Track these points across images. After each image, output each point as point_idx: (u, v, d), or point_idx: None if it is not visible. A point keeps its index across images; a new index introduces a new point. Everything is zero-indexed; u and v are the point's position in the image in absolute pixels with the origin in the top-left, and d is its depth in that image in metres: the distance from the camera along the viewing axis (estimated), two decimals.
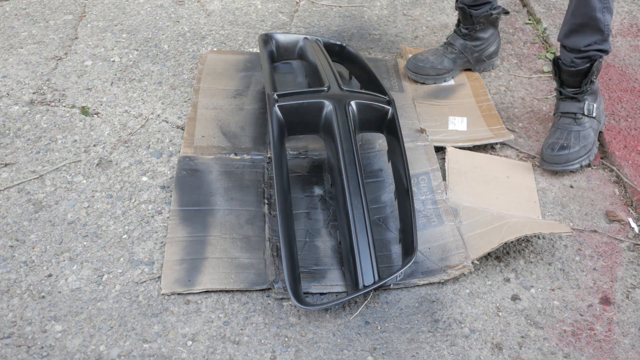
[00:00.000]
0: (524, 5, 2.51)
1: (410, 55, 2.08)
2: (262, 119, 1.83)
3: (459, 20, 2.03)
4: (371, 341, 1.33)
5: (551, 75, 2.12)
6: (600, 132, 1.82)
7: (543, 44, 2.28)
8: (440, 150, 1.78)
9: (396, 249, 1.50)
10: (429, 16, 2.40)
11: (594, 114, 1.74)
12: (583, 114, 1.73)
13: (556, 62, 1.76)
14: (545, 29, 2.34)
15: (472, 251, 1.49)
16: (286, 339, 1.33)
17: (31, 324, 1.32)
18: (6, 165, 1.69)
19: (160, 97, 1.94)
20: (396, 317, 1.38)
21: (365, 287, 1.36)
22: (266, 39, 1.96)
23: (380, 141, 1.76)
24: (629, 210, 1.66)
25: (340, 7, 2.43)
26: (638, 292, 1.47)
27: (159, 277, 1.42)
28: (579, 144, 1.71)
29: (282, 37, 1.98)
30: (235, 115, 1.84)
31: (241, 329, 1.34)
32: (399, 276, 1.42)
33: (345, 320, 1.37)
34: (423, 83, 2.01)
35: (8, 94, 1.94)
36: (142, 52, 2.13)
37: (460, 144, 1.79)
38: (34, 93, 1.94)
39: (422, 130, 1.79)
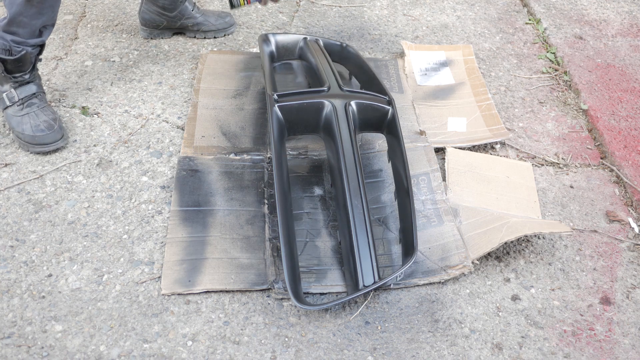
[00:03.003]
0: (524, 5, 2.51)
1: (410, 52, 2.08)
2: (262, 119, 1.83)
3: None
4: (371, 341, 1.34)
5: (551, 75, 2.12)
6: None
7: (543, 44, 2.28)
8: (439, 150, 1.78)
9: (396, 249, 1.50)
10: (429, 16, 2.40)
11: None
12: None
13: None
14: (545, 29, 2.34)
15: (472, 251, 1.49)
16: (286, 339, 1.33)
17: (31, 324, 1.33)
18: (6, 165, 1.68)
19: (160, 97, 1.94)
20: (396, 317, 1.38)
21: (365, 287, 1.36)
22: (266, 39, 1.96)
23: (380, 141, 1.76)
24: (629, 210, 1.67)
25: (340, 7, 2.43)
26: (638, 292, 1.47)
27: (159, 277, 1.42)
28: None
29: (282, 37, 1.98)
30: (235, 115, 1.84)
31: (241, 329, 1.34)
32: (399, 276, 1.42)
33: (345, 320, 1.37)
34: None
35: None
36: (142, 52, 2.13)
37: (459, 145, 1.79)
38: None
39: (421, 133, 1.79)
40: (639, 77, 2.10)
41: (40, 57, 1.75)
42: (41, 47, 1.71)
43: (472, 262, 1.48)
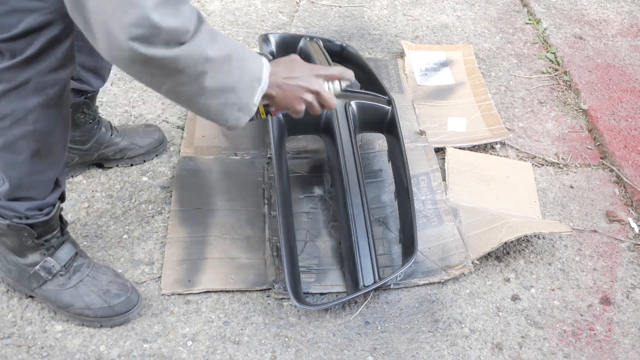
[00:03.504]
0: (524, 5, 2.51)
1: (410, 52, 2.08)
2: (262, 119, 1.83)
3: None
4: (371, 341, 1.33)
5: (551, 75, 2.12)
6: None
7: (543, 44, 2.28)
8: (439, 150, 1.78)
9: (396, 249, 1.50)
10: (429, 16, 2.40)
11: None
12: None
13: None
14: (545, 29, 2.34)
15: (472, 251, 1.49)
16: (286, 339, 1.33)
17: (31, 324, 1.32)
18: None
19: (160, 97, 1.94)
20: (396, 317, 1.38)
21: (365, 287, 1.36)
22: (266, 39, 1.96)
23: (380, 141, 1.76)
24: (629, 210, 1.67)
25: (340, 7, 2.43)
26: (638, 292, 1.47)
27: (159, 277, 1.42)
28: None
29: (282, 37, 1.98)
30: None
31: (241, 329, 1.34)
32: (399, 276, 1.42)
33: (345, 320, 1.37)
34: None
35: None
36: None
37: (459, 145, 1.79)
38: None
39: (421, 133, 1.79)
40: (639, 77, 2.10)
41: (62, 205, 1.30)
42: (62, 194, 1.28)
43: (472, 262, 1.48)
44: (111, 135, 1.63)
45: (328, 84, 1.23)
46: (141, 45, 0.90)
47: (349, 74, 1.25)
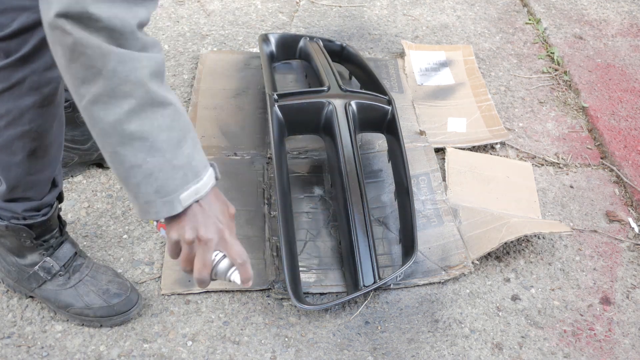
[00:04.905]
0: (524, 5, 2.51)
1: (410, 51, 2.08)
2: (262, 119, 1.83)
3: None
4: (371, 341, 1.34)
5: (551, 75, 2.12)
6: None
7: (543, 44, 2.28)
8: (439, 150, 1.78)
9: (396, 249, 1.50)
10: (429, 16, 2.40)
11: None
12: None
13: None
14: (545, 29, 2.34)
15: (472, 251, 1.49)
16: (286, 339, 1.33)
17: (31, 324, 1.32)
18: None
19: None
20: (396, 317, 1.38)
21: (365, 287, 1.36)
22: (266, 39, 1.96)
23: (380, 141, 1.76)
24: (629, 210, 1.67)
25: (340, 7, 2.43)
26: (638, 292, 1.47)
27: (159, 277, 1.42)
28: None
29: (282, 37, 1.98)
30: (235, 115, 1.84)
31: (241, 329, 1.34)
32: (399, 276, 1.42)
33: (345, 320, 1.37)
34: None
35: None
36: None
37: (459, 145, 1.79)
38: None
39: (421, 133, 1.79)
40: (639, 77, 2.10)
41: (61, 205, 1.30)
42: (60, 194, 1.28)
43: (472, 262, 1.48)
44: None
45: (219, 255, 0.95)
46: (70, 24, 0.78)
47: (246, 271, 0.95)
